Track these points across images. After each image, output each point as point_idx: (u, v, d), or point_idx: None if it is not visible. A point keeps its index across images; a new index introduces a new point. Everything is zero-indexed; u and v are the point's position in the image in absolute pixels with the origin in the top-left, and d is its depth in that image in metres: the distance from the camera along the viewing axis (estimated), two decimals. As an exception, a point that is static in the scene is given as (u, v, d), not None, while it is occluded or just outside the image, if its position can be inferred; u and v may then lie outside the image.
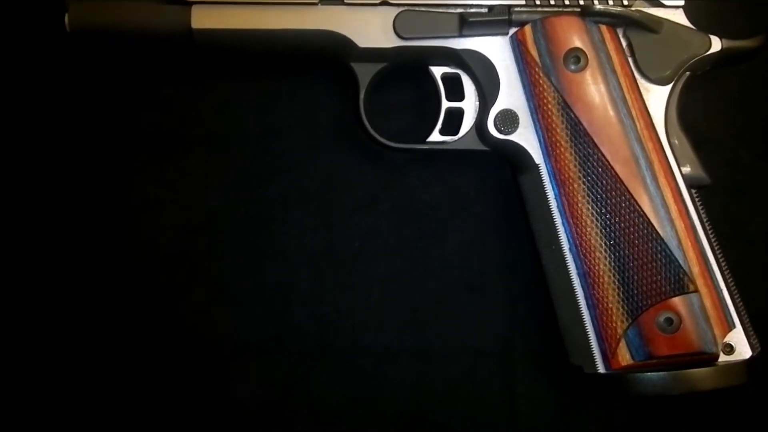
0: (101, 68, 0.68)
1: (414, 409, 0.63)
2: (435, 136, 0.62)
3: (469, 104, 0.61)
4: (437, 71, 0.62)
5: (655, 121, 0.57)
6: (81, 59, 0.67)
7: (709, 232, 0.57)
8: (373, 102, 0.63)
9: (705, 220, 0.57)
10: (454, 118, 0.62)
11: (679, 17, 0.58)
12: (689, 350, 0.55)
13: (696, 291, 0.55)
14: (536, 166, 0.58)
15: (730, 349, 0.56)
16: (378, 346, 0.64)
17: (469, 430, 0.63)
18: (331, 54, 0.61)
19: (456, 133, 0.62)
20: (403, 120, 0.65)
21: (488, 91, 0.59)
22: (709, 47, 0.58)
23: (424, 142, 0.62)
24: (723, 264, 0.57)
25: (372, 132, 0.61)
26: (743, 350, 0.55)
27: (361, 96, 0.61)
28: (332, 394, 0.64)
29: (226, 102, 0.67)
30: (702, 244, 0.56)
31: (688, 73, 0.58)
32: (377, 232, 0.65)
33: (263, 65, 0.66)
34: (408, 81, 0.64)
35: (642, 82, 0.58)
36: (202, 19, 0.60)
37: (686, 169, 0.58)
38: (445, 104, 0.62)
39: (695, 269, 0.56)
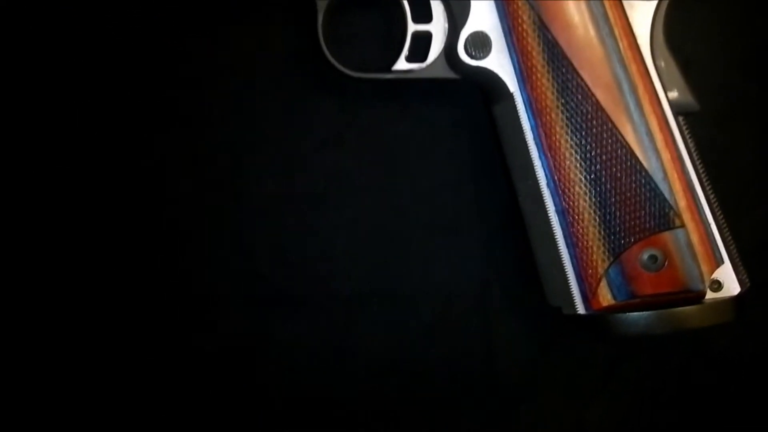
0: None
1: (387, 354, 0.61)
2: (401, 64, 0.56)
3: (438, 27, 0.56)
4: (402, -9, 0.56)
5: (639, 40, 0.53)
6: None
7: (697, 162, 0.53)
8: (333, 28, 0.57)
9: (693, 149, 0.53)
10: (422, 42, 0.56)
11: None
12: (675, 288, 0.51)
13: (682, 226, 0.52)
14: (510, 95, 0.53)
15: (717, 285, 0.52)
16: (347, 292, 0.60)
17: (445, 374, 0.61)
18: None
19: (424, 59, 0.56)
20: (367, 47, 0.60)
21: (458, 11, 0.54)
22: (701, -44, 0.53)
23: (389, 70, 0.57)
24: (711, 197, 0.53)
25: (333, 61, 0.56)
26: (731, 286, 0.52)
27: (320, 20, 0.56)
28: (301, 343, 0.61)
29: (175, 40, 0.60)
30: (689, 176, 0.52)
31: (676, -15, 0.53)
32: (343, 172, 0.60)
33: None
34: (371, 3, 0.58)
35: (626, -2, 0.53)
36: None
37: (673, 95, 0.53)
38: (412, 27, 0.56)
39: (682, 203, 0.52)
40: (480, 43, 0.53)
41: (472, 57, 0.54)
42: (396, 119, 0.61)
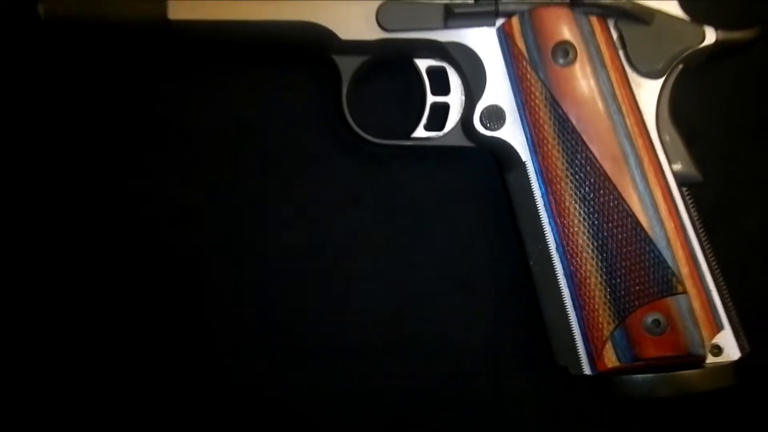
0: (78, 59, 0.66)
1: (399, 408, 0.63)
2: (420, 132, 0.60)
3: (455, 99, 0.60)
4: (422, 64, 0.60)
5: (645, 116, 0.56)
6: (57, 50, 0.66)
7: (700, 231, 0.56)
8: (356, 95, 0.61)
9: (696, 218, 0.56)
10: (440, 112, 0.60)
11: (673, 8, 0.56)
12: (677, 352, 0.54)
13: (684, 292, 0.54)
14: (523, 164, 0.56)
15: (718, 350, 0.55)
16: (361, 345, 0.63)
17: (453, 428, 0.63)
18: (312, 46, 0.59)
19: (441, 128, 0.60)
20: (387, 114, 0.64)
21: (474, 85, 0.58)
22: (703, 39, 0.56)
23: (408, 137, 0.60)
24: (713, 264, 0.56)
25: (355, 128, 0.60)
26: (731, 352, 0.55)
27: (344, 90, 0.60)
28: (315, 395, 0.63)
29: (205, 96, 0.65)
30: (692, 245, 0.55)
31: (681, 66, 0.56)
32: (360, 229, 0.64)
33: (243, 57, 0.64)
34: (392, 74, 0.62)
35: (633, 76, 0.56)
36: (179, 10, 0.58)
37: (677, 167, 0.56)
38: (431, 99, 0.60)
39: (684, 270, 0.55)
40: (495, 116, 0.57)
41: (487, 128, 0.57)
42: (411, 180, 0.64)
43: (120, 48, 0.65)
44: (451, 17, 0.56)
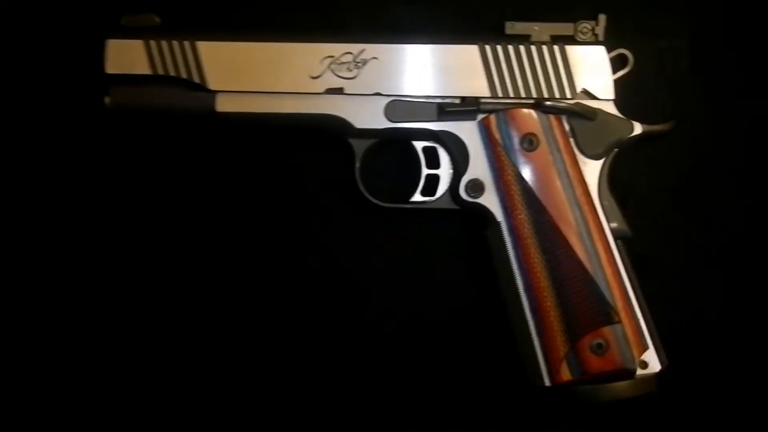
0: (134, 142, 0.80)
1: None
2: (417, 197, 0.76)
3: (444, 172, 0.75)
4: (418, 145, 0.75)
5: (590, 187, 0.72)
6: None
7: (631, 273, 0.73)
8: (364, 165, 0.76)
9: (628, 263, 0.73)
10: (432, 182, 0.76)
11: (610, 108, 0.73)
12: (615, 367, 0.69)
13: (620, 321, 0.69)
14: (498, 223, 0.72)
15: (644, 365, 0.70)
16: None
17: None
18: (333, 131, 0.74)
19: (434, 194, 0.76)
20: (389, 180, 0.79)
21: (460, 163, 0.73)
22: (632, 131, 0.73)
23: (407, 201, 0.76)
24: (641, 298, 0.72)
25: (367, 195, 0.75)
26: (654, 365, 0.69)
27: (357, 165, 0.75)
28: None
29: (231, 161, 0.80)
30: (624, 284, 0.71)
31: (616, 149, 0.73)
32: (376, 273, 0.80)
33: (276, 137, 0.79)
34: (394, 151, 0.77)
35: (580, 157, 0.72)
36: (225, 104, 0.73)
37: (614, 225, 0.72)
38: (425, 171, 0.75)
39: (619, 304, 0.70)
40: (477, 187, 0.72)
41: (470, 196, 0.72)
42: (416, 234, 0.80)
43: (172, 129, 0.80)
44: (443, 113, 0.72)
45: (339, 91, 0.72)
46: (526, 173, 0.71)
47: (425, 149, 0.75)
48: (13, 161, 0.79)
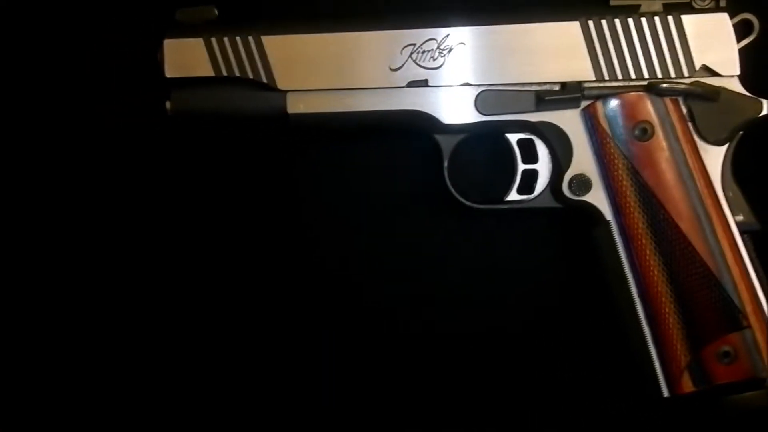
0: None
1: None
2: (513, 196, 0.69)
3: (543, 166, 0.68)
4: (513, 137, 0.68)
5: (712, 177, 0.64)
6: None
7: (761, 272, 0.65)
8: (453, 161, 0.69)
9: (756, 261, 0.65)
10: (528, 178, 0.69)
11: (735, 85, 0.64)
12: (744, 377, 0.64)
13: (749, 326, 0.64)
14: (607, 222, 0.65)
15: None
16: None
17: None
18: (417, 129, 0.67)
19: (530, 191, 0.69)
20: (475, 178, 0.72)
21: (562, 156, 0.66)
22: (761, 110, 0.64)
23: (502, 201, 0.69)
24: (772, 299, 0.65)
25: (458, 196, 0.68)
26: None
27: (446, 164, 0.68)
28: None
29: (306, 165, 0.74)
30: (754, 285, 0.64)
31: (741, 132, 0.65)
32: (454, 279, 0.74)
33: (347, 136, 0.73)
34: (486, 144, 0.70)
35: (701, 144, 0.64)
36: (297, 104, 0.66)
37: (740, 218, 0.65)
38: (521, 166, 0.68)
39: (748, 307, 0.64)
40: (582, 184, 0.65)
41: (575, 194, 0.65)
42: (502, 235, 0.74)
43: (237, 134, 0.74)
44: (541, 102, 0.64)
45: (423, 83, 0.65)
46: (640, 166, 0.63)
47: (520, 142, 0.68)
48: (59, 162, 0.75)
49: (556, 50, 0.64)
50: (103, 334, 0.74)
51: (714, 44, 0.63)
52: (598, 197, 0.65)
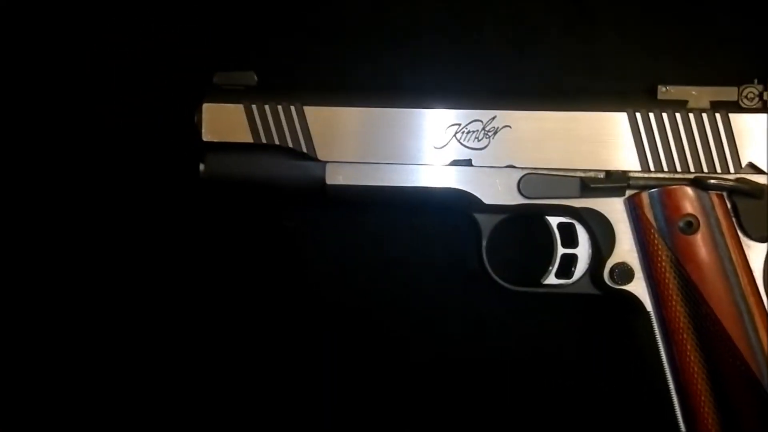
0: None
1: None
2: (551, 279, 0.67)
3: (582, 251, 0.67)
4: (553, 221, 0.67)
5: (755, 274, 0.64)
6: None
7: (801, 372, 0.64)
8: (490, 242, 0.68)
9: (798, 361, 0.64)
10: (566, 262, 0.67)
11: (780, 185, 0.64)
12: None
13: None
14: (647, 313, 0.64)
15: None
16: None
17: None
18: (456, 207, 0.66)
19: (567, 276, 0.67)
20: (506, 256, 0.70)
21: (603, 244, 0.65)
22: (806, 209, 0.64)
23: (538, 284, 0.67)
24: (814, 400, 0.64)
25: (495, 277, 0.67)
26: None
27: (484, 243, 0.66)
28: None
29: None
30: (795, 386, 0.63)
31: (784, 229, 0.64)
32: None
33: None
34: (523, 227, 0.70)
35: (744, 240, 0.63)
36: (336, 175, 0.64)
37: (782, 317, 0.64)
38: (561, 250, 0.67)
39: None
40: (624, 273, 0.64)
41: (616, 282, 0.64)
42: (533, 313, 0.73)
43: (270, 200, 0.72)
44: (586, 189, 0.63)
45: (466, 162, 0.64)
46: (684, 259, 0.62)
47: (560, 225, 0.67)
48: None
49: (603, 139, 0.63)
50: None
51: (760, 142, 0.63)
52: (639, 287, 0.64)
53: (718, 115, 0.63)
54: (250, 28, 0.73)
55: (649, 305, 0.64)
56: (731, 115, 0.63)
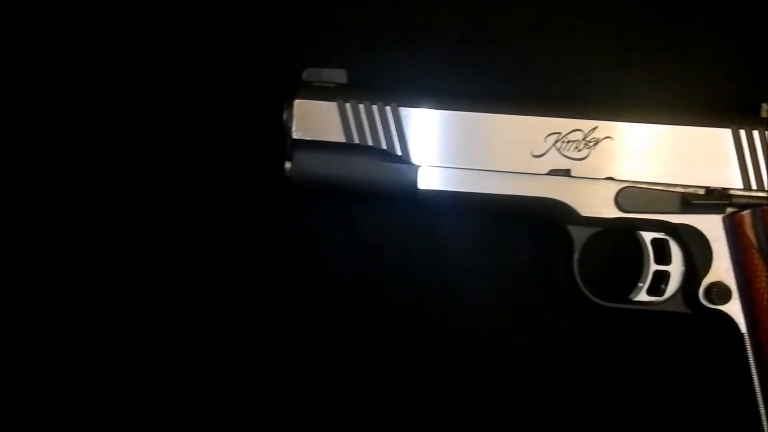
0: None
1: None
2: (642, 296, 0.66)
3: (676, 269, 0.65)
4: (646, 236, 0.66)
5: None
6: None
7: None
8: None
9: None
10: (658, 279, 0.66)
11: None
12: None
13: None
14: (741, 335, 0.63)
15: None
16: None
17: None
18: (550, 217, 0.65)
19: (658, 293, 0.66)
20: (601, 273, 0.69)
21: (699, 262, 0.64)
22: None
23: (630, 300, 0.66)
24: None
25: (586, 292, 0.65)
26: None
27: (576, 256, 0.65)
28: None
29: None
30: None
31: None
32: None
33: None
34: (615, 241, 0.68)
35: None
36: (429, 180, 0.63)
37: None
38: (653, 267, 0.66)
39: None
40: (722, 293, 0.62)
41: (711, 302, 0.63)
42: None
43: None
44: (686, 205, 0.62)
45: (565, 173, 0.63)
46: (784, 281, 0.61)
47: (654, 241, 0.65)
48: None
49: (705, 155, 0.62)
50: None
51: None
52: (734, 308, 0.63)
53: (822, 135, 0.63)
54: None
55: (743, 326, 0.63)
56: (835, 136, 0.63)
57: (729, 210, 0.63)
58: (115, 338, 0.71)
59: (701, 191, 0.63)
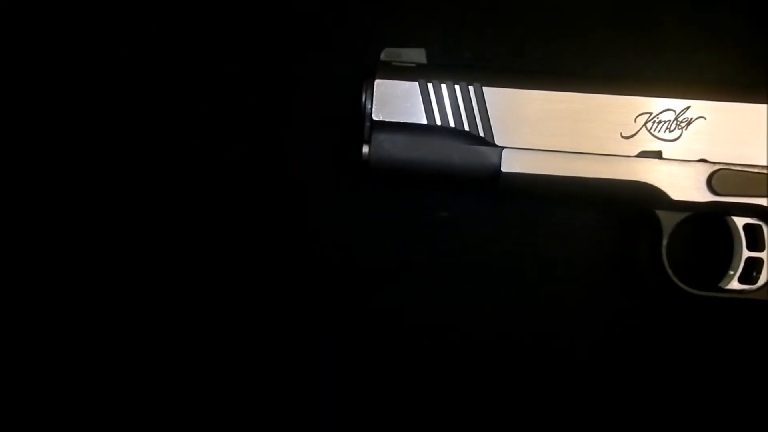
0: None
1: None
2: (734, 284, 0.64)
3: (769, 256, 0.63)
4: (738, 221, 0.63)
5: None
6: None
7: None
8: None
9: None
10: (750, 266, 0.63)
11: None
12: None
13: None
14: (838, 326, 0.60)
15: None
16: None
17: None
18: (638, 202, 0.63)
19: (750, 281, 0.63)
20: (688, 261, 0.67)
21: (796, 249, 0.61)
22: None
23: (720, 289, 0.64)
24: None
25: (675, 279, 0.63)
26: None
27: (664, 242, 0.63)
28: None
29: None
30: None
31: None
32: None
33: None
34: (705, 228, 0.66)
35: None
36: (513, 162, 0.61)
37: None
38: (746, 253, 0.63)
39: None
40: (821, 282, 0.61)
41: (809, 291, 0.61)
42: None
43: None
44: (784, 188, 0.60)
45: (656, 155, 0.61)
46: None
47: (746, 227, 0.63)
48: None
49: (805, 136, 0.60)
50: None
51: None
52: (833, 298, 0.61)
53: None
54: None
55: (843, 316, 0.60)
56: None
57: (827, 193, 0.60)
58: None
59: (795, 172, 0.60)
